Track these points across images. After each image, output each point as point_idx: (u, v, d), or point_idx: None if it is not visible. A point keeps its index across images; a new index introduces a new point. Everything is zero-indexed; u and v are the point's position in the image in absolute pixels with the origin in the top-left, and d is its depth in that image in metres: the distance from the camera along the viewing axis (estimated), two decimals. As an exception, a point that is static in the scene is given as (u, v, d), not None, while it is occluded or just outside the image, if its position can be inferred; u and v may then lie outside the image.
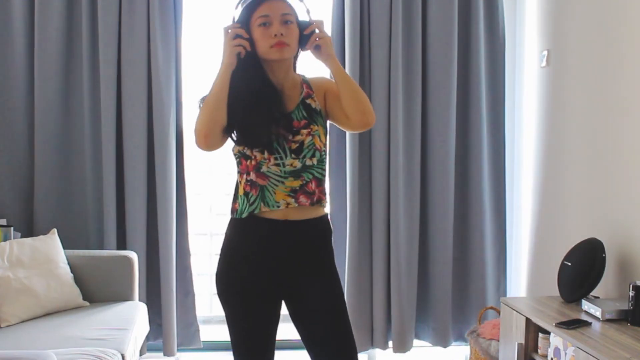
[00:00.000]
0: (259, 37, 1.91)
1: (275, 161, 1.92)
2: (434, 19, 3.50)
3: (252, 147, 1.92)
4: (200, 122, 1.89)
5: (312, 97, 2.01)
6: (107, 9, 3.33)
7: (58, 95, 3.39)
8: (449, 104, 3.52)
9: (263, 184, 1.92)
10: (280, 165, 1.92)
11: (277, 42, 1.89)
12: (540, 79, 3.41)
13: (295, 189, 1.93)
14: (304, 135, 1.95)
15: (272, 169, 1.92)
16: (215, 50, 3.71)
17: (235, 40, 1.89)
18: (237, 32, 1.90)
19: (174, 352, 3.45)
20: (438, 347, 3.67)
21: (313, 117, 1.98)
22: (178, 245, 3.50)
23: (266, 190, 1.92)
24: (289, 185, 1.93)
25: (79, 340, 2.56)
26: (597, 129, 2.87)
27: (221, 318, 4.49)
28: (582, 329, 2.32)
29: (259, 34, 1.91)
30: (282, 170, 1.92)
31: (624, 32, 2.68)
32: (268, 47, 1.90)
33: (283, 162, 1.93)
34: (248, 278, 1.95)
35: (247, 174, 1.94)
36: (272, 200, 1.92)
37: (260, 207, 1.92)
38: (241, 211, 1.95)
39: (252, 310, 1.97)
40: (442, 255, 3.57)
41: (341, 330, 1.98)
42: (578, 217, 3.02)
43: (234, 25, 1.92)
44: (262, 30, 1.90)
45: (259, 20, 1.91)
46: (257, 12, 1.91)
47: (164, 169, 3.39)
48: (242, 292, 1.96)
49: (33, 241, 3.03)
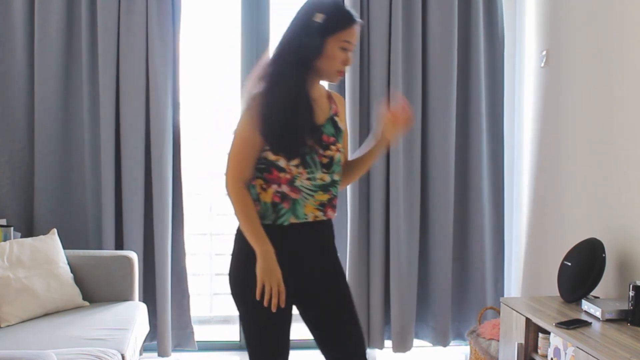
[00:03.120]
0: (333, 57, 1.91)
1: (308, 175, 1.95)
2: (433, 19, 3.50)
3: (290, 156, 1.92)
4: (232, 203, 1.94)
5: (338, 115, 2.05)
6: (107, 9, 3.33)
7: (58, 95, 3.39)
8: (449, 104, 3.52)
9: (295, 197, 1.95)
10: (312, 180, 1.96)
11: (343, 71, 1.96)
12: (539, 79, 3.41)
13: (323, 203, 1.99)
14: (334, 150, 2.00)
15: (304, 183, 1.95)
16: (214, 51, 3.74)
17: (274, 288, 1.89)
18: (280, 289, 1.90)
19: (169, 353, 3.44)
20: (438, 347, 3.67)
21: (338, 136, 2.03)
22: (174, 246, 3.49)
23: (297, 204, 1.96)
24: (319, 199, 1.98)
25: (79, 340, 2.56)
26: (596, 129, 2.87)
27: (221, 318, 4.51)
28: (582, 329, 2.32)
29: (335, 53, 1.91)
30: (313, 184, 1.96)
31: (624, 32, 2.68)
32: (335, 70, 1.94)
33: (314, 176, 1.96)
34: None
35: (278, 185, 1.95)
36: (302, 213, 1.97)
37: (290, 219, 1.96)
38: (263, 217, 1.96)
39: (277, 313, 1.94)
40: (441, 255, 3.57)
41: (353, 324, 2.04)
42: (578, 217, 3.02)
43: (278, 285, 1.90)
44: (339, 52, 1.92)
45: (344, 44, 1.92)
46: (345, 33, 1.91)
47: (160, 170, 3.38)
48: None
49: (33, 241, 3.02)
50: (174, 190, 3.47)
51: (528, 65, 3.55)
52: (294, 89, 1.90)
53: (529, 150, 3.54)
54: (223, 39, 3.74)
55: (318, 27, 1.88)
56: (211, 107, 3.85)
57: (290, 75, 1.90)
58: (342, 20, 1.91)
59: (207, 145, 3.91)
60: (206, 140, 3.89)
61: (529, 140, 3.54)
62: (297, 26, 1.94)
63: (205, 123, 3.85)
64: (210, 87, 3.81)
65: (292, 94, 1.90)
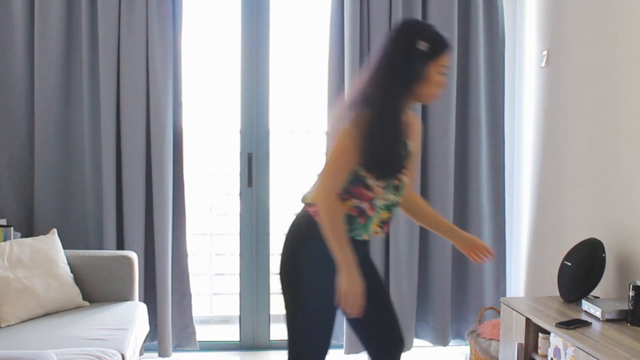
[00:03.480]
0: (432, 80, 1.99)
1: (384, 195, 2.05)
2: (434, 19, 3.50)
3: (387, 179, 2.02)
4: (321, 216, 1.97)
5: (410, 138, 2.11)
6: (107, 9, 3.33)
7: (58, 95, 3.39)
8: (449, 104, 3.52)
9: (371, 215, 2.07)
10: (384, 200, 2.06)
11: (438, 94, 2.04)
12: (539, 79, 3.41)
13: (384, 221, 2.11)
14: (405, 174, 2.09)
15: (379, 202, 2.06)
16: (214, 51, 3.74)
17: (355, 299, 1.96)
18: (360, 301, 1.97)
19: (169, 353, 3.44)
20: (438, 347, 3.67)
21: (408, 160, 2.09)
22: (175, 246, 3.49)
23: (370, 221, 2.07)
24: (382, 217, 2.10)
25: (79, 340, 2.56)
26: (596, 129, 2.87)
27: (221, 318, 4.49)
28: (582, 329, 2.32)
29: (434, 78, 1.99)
30: (385, 204, 2.07)
31: (624, 32, 2.68)
32: (431, 93, 2.02)
33: (387, 196, 2.06)
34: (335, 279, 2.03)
35: (360, 200, 2.03)
36: (370, 229, 2.09)
37: (363, 235, 2.07)
38: None
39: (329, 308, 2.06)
40: (441, 255, 3.57)
41: (394, 315, 2.21)
42: (578, 217, 3.02)
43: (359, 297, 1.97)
44: (438, 77, 2.00)
45: (443, 69, 2.01)
46: (445, 57, 2.00)
47: (160, 169, 3.38)
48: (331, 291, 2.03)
49: (33, 241, 3.02)
50: (175, 190, 3.47)
51: (528, 65, 3.55)
52: (397, 117, 1.98)
53: (529, 150, 3.54)
54: (223, 38, 3.73)
55: (421, 54, 1.96)
56: (212, 106, 3.85)
57: (395, 103, 1.98)
58: (442, 45, 1.99)
59: (208, 145, 3.90)
60: (207, 140, 3.89)
61: (529, 140, 3.54)
62: (397, 52, 1.99)
63: (206, 123, 3.85)
64: (211, 87, 3.81)
65: (395, 122, 1.98)
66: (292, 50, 3.76)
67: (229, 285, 3.90)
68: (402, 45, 1.98)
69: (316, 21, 3.67)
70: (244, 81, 3.64)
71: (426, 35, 1.97)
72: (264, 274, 3.69)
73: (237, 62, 3.62)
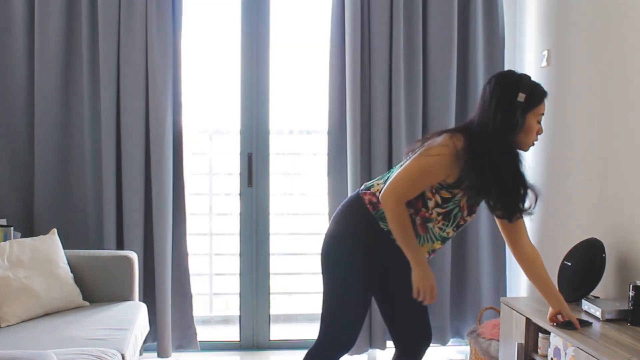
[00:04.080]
0: (531, 130, 2.09)
1: (442, 225, 2.15)
2: (434, 19, 3.50)
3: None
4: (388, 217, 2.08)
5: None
6: (107, 9, 3.33)
7: (58, 95, 3.39)
8: (449, 104, 3.52)
9: (421, 234, 2.16)
10: (442, 230, 2.15)
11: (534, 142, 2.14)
12: (540, 79, 3.38)
13: (435, 250, 2.22)
14: (472, 217, 2.21)
15: (435, 229, 2.14)
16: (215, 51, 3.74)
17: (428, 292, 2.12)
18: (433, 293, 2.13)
19: (169, 354, 3.43)
20: (437, 347, 3.67)
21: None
22: (176, 246, 3.48)
23: (421, 239, 2.15)
24: (434, 247, 2.21)
25: (79, 340, 2.56)
26: (597, 129, 2.87)
27: (221, 318, 4.50)
28: (582, 329, 2.32)
29: (533, 127, 2.09)
30: (441, 234, 2.16)
31: (624, 32, 2.68)
32: (530, 142, 2.13)
33: (446, 229, 2.15)
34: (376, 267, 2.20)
35: (415, 213, 2.16)
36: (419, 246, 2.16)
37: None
38: (381, 219, 2.14)
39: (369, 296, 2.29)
40: (441, 254, 3.56)
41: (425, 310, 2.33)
42: (578, 217, 3.02)
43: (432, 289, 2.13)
44: (536, 125, 2.10)
45: (540, 117, 2.11)
46: (541, 107, 2.10)
47: (159, 169, 3.38)
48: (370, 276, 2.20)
49: (33, 241, 3.02)
50: (175, 190, 3.47)
51: (528, 65, 3.55)
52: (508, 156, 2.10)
53: (529, 150, 3.53)
54: (223, 38, 3.73)
55: (521, 105, 2.05)
56: (212, 106, 3.85)
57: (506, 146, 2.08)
58: (539, 96, 2.09)
59: (208, 145, 3.90)
60: (207, 140, 3.89)
61: (529, 140, 3.53)
62: (500, 103, 2.07)
63: (206, 123, 3.85)
64: (211, 87, 3.81)
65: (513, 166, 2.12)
66: (292, 50, 3.76)
67: (229, 285, 3.90)
68: (503, 97, 2.07)
69: (317, 21, 3.67)
70: (244, 81, 3.63)
71: (525, 88, 2.07)
72: (264, 274, 3.69)
73: (237, 62, 3.62)
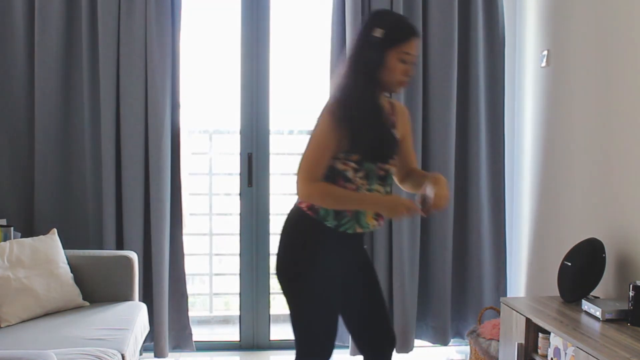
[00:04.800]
0: (393, 68, 2.00)
1: (368, 187, 2.05)
2: (434, 19, 3.50)
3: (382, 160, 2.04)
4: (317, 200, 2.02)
5: (396, 127, 2.12)
6: (107, 9, 3.33)
7: (58, 95, 3.39)
8: (449, 104, 3.51)
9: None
10: (370, 191, 2.06)
11: (405, 82, 2.03)
12: (540, 79, 3.41)
13: (378, 213, 2.10)
14: (391, 164, 2.10)
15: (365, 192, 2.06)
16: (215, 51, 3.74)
17: (409, 214, 2.04)
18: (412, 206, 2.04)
19: (166, 354, 3.43)
20: (437, 347, 3.67)
21: (395, 147, 2.11)
22: (173, 247, 3.48)
23: (361, 214, 2.06)
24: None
25: (79, 340, 2.56)
26: (597, 129, 2.87)
27: (221, 318, 4.50)
28: (582, 329, 2.32)
29: (395, 65, 2.00)
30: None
31: (624, 32, 2.68)
32: (397, 81, 2.03)
33: (371, 187, 2.06)
34: (335, 276, 2.09)
35: None
36: (365, 222, 2.07)
37: (355, 228, 2.06)
38: (324, 218, 2.05)
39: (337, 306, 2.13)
40: (442, 255, 3.56)
41: (386, 312, 2.25)
42: (578, 217, 3.02)
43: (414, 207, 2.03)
44: (400, 64, 2.00)
45: (403, 56, 2.00)
46: (405, 45, 1.99)
47: (157, 170, 3.38)
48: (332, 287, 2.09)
49: (33, 241, 3.02)
50: (173, 190, 3.46)
51: (528, 65, 3.55)
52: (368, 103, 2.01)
53: (529, 150, 3.53)
54: (223, 38, 3.74)
55: (378, 41, 1.97)
56: (212, 106, 3.86)
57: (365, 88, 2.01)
58: (400, 33, 1.99)
59: (208, 145, 3.91)
60: (207, 140, 3.89)
61: (529, 140, 3.54)
62: (359, 41, 2.04)
63: (206, 123, 3.85)
64: (211, 86, 3.81)
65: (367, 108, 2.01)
66: (292, 49, 3.76)
67: (229, 285, 3.90)
68: (362, 34, 2.03)
69: (317, 20, 3.67)
70: (243, 81, 3.63)
71: (384, 23, 1.99)
72: (264, 274, 3.68)
73: (237, 62, 3.62)
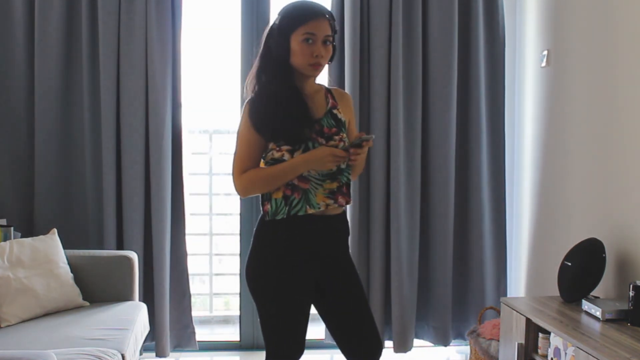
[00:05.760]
0: (299, 51, 2.02)
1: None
2: (434, 19, 3.50)
3: (293, 144, 2.02)
4: (251, 189, 2.07)
5: (337, 108, 2.15)
6: (107, 9, 3.33)
7: (58, 95, 3.39)
8: (449, 104, 3.51)
9: (305, 187, 2.06)
10: (315, 170, 2.05)
11: (316, 63, 2.03)
12: (540, 79, 3.41)
13: (333, 191, 2.09)
14: (337, 141, 2.09)
15: (311, 173, 2.05)
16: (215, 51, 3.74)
17: (337, 160, 2.02)
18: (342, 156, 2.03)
19: (167, 353, 3.43)
20: (437, 347, 3.67)
21: (340, 127, 2.12)
22: (174, 246, 3.48)
23: (309, 193, 2.06)
24: (328, 187, 2.08)
25: (79, 340, 2.56)
26: (597, 129, 2.87)
27: (221, 318, 4.50)
28: (582, 329, 2.32)
29: (300, 48, 2.02)
30: (320, 173, 2.06)
31: (625, 32, 2.68)
32: (306, 64, 2.04)
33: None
34: (293, 275, 2.06)
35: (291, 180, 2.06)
36: (315, 202, 2.06)
37: (306, 209, 2.05)
38: (275, 212, 2.07)
39: (293, 307, 2.08)
40: (442, 255, 3.56)
41: (368, 317, 2.17)
42: (578, 217, 3.02)
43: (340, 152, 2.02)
44: (304, 46, 2.02)
45: (305, 36, 2.01)
46: (304, 27, 2.01)
47: (158, 170, 3.38)
48: (290, 287, 2.07)
49: (33, 241, 3.02)
50: (174, 190, 3.46)
51: (528, 65, 3.55)
52: (280, 87, 2.04)
53: (529, 150, 3.54)
54: (223, 37, 3.74)
55: (278, 28, 2.05)
56: (212, 106, 3.86)
57: (273, 76, 2.06)
58: (297, 16, 2.03)
59: (208, 145, 3.91)
60: (207, 140, 3.90)
61: (529, 140, 3.54)
62: (265, 35, 2.11)
63: (206, 122, 3.85)
64: (211, 86, 3.81)
65: (280, 91, 2.04)
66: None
67: (229, 285, 3.90)
68: (268, 29, 2.10)
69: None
70: (244, 81, 3.62)
71: (283, 12, 2.06)
72: (264, 274, 3.68)
73: (237, 62, 3.62)
